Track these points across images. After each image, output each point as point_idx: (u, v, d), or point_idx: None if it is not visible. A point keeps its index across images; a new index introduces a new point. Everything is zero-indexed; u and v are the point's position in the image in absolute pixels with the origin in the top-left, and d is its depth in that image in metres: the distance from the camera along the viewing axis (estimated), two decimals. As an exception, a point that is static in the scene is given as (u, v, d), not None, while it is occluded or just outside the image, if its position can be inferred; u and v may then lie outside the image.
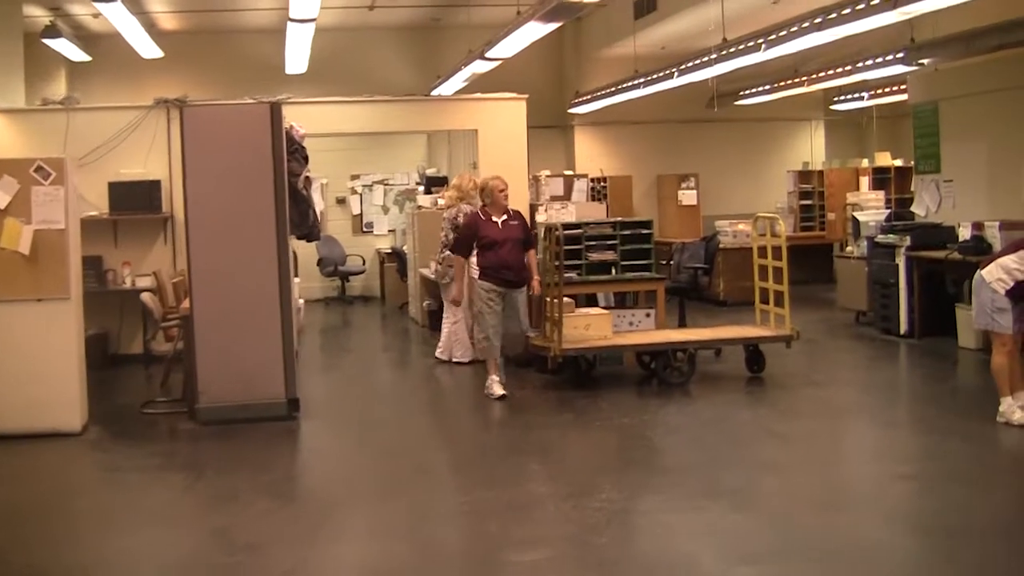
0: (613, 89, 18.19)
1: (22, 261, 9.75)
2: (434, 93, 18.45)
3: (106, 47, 18.61)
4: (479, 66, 15.57)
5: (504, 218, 11.31)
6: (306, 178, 11.65)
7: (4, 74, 15.06)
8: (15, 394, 9.78)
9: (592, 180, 19.91)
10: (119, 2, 13.88)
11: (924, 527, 7.10)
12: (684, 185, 21.47)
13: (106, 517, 7.82)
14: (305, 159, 11.68)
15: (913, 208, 15.72)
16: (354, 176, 21.71)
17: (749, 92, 19.54)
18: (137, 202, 13.68)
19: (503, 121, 15.53)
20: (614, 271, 12.38)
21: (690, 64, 14.99)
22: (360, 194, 21.77)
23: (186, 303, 10.57)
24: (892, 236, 14.24)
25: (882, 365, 13.31)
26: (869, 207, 16.95)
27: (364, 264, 21.30)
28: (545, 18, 12.09)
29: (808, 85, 17.79)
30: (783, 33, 12.28)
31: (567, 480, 8.34)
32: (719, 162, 21.93)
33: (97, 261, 13.62)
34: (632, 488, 8.02)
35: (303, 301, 17.26)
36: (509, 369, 12.14)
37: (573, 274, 12.15)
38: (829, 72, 16.75)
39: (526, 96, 15.78)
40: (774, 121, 22.34)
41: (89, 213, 13.27)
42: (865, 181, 20.38)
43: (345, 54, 20.30)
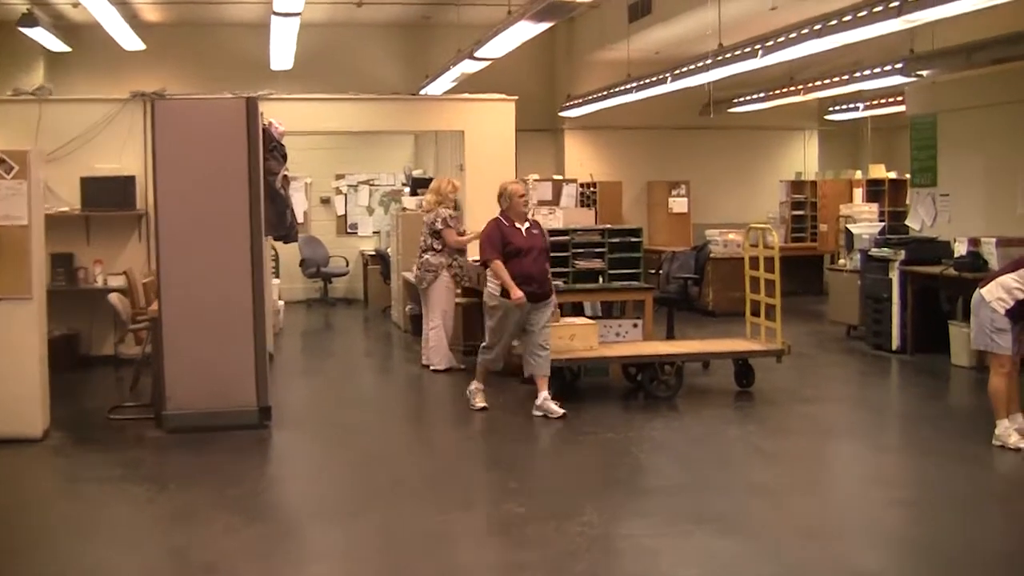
0: (605, 93, 17.96)
1: (-20, 258, 9.32)
2: (422, 93, 18.10)
3: (87, 38, 18.16)
4: (468, 66, 15.25)
5: (527, 226, 10.68)
6: (284, 177, 11.31)
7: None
8: (-28, 398, 9.34)
9: (581, 185, 19.59)
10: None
11: (921, 557, 6.79)
12: (675, 192, 21.25)
13: (56, 533, 7.37)
14: (284, 157, 11.31)
15: (908, 222, 15.54)
16: (339, 176, 21.42)
17: (743, 100, 19.27)
18: (111, 198, 13.27)
19: (491, 123, 15.29)
20: (601, 280, 12.12)
21: (685, 69, 14.69)
22: (345, 194, 21.47)
23: (156, 304, 10.15)
24: (886, 250, 14.02)
25: (874, 382, 13.05)
26: (862, 219, 16.79)
27: (347, 266, 21.00)
28: (536, 17, 11.77)
29: (804, 94, 17.57)
30: (781, 39, 11.96)
31: (547, 499, 7.98)
32: (711, 170, 21.68)
33: (67, 258, 13.25)
34: (615, 510, 7.69)
35: (283, 303, 16.98)
36: (489, 378, 11.81)
37: (559, 282, 11.80)
38: (826, 81, 16.51)
39: (515, 98, 15.52)
40: (767, 130, 22.12)
41: (60, 208, 12.88)
42: (859, 193, 20.19)
43: (332, 51, 19.94)
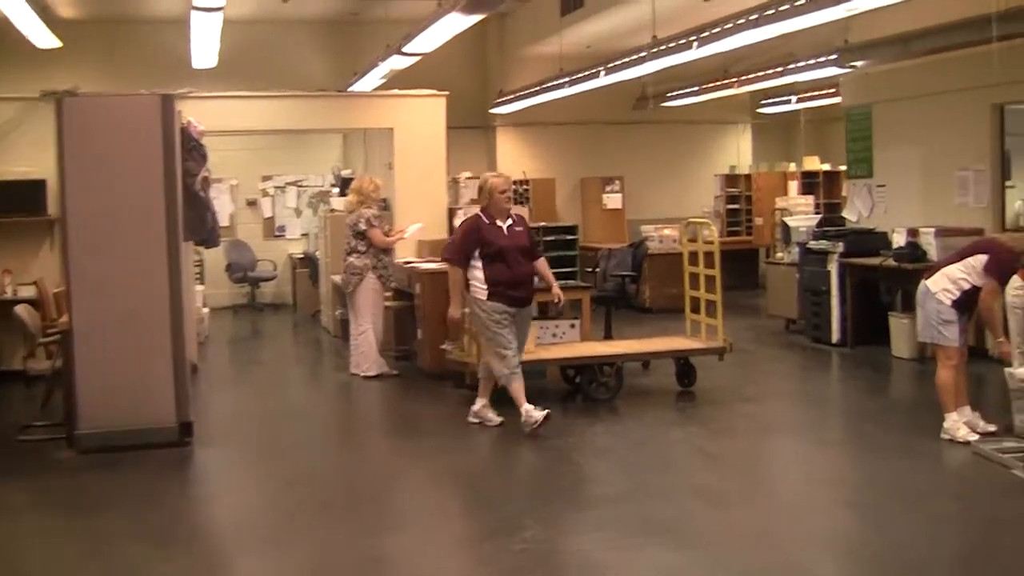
0: (537, 88, 17.67)
1: None
2: (350, 91, 17.68)
3: (-1, 36, 17.58)
4: (397, 62, 14.85)
5: (509, 223, 9.76)
6: (204, 178, 10.91)
7: None
8: None
9: (514, 183, 19.16)
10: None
11: (875, 560, 6.51)
12: (609, 188, 21.00)
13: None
14: (204, 158, 10.92)
15: (845, 213, 15.42)
16: (266, 177, 20.93)
17: (676, 93, 19.02)
18: (19, 203, 12.66)
19: (421, 119, 14.99)
20: (537, 279, 11.63)
21: (619, 62, 14.39)
22: (272, 196, 20.98)
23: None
24: (824, 242, 13.88)
25: (816, 376, 12.88)
26: (798, 212, 16.72)
27: (275, 270, 20.56)
28: (467, 9, 11.39)
29: (738, 87, 17.39)
30: (717, 30, 11.64)
31: (487, 515, 7.63)
32: (644, 165, 21.47)
33: (-28, 268, 12.65)
34: (559, 523, 7.35)
35: (208, 310, 16.51)
36: (422, 384, 11.47)
37: None
38: (760, 73, 16.32)
39: (446, 93, 15.16)
40: (701, 124, 21.98)
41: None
42: (794, 185, 20.04)
43: (257, 49, 19.43)
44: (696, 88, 18.47)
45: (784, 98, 19.96)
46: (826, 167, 20.70)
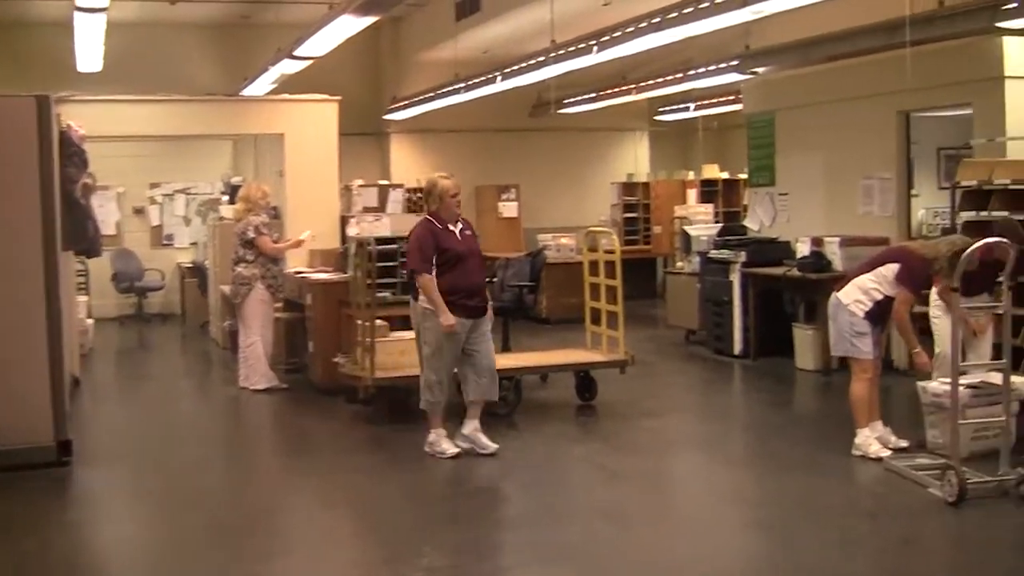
0: (432, 94, 17.46)
1: None
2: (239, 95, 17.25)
3: None
4: (288, 66, 14.49)
5: (460, 227, 9.12)
6: (85, 185, 10.39)
7: None
8: None
9: (408, 190, 19.08)
10: None
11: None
12: (504, 196, 20.81)
13: None
14: (84, 164, 10.40)
15: (746, 222, 15.25)
16: (154, 184, 20.33)
17: (574, 100, 18.80)
18: None
19: (312, 125, 14.65)
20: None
21: (517, 67, 14.12)
22: (160, 204, 20.41)
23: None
24: (726, 251, 13.71)
25: (720, 389, 12.69)
26: (698, 220, 16.51)
27: (163, 279, 19.97)
28: (360, 11, 11.06)
29: (637, 93, 17.20)
30: (618, 34, 11.40)
31: (383, 539, 7.29)
32: (541, 173, 21.28)
33: None
34: (459, 548, 6.97)
35: (92, 321, 15.94)
36: (313, 399, 11.07)
37: (388, 293, 11.18)
38: (660, 80, 16.14)
39: (338, 98, 14.80)
40: (598, 131, 21.82)
41: None
42: (693, 194, 19.88)
43: (146, 52, 18.94)
44: (594, 94, 18.28)
45: (682, 105, 19.95)
46: (725, 175, 20.61)
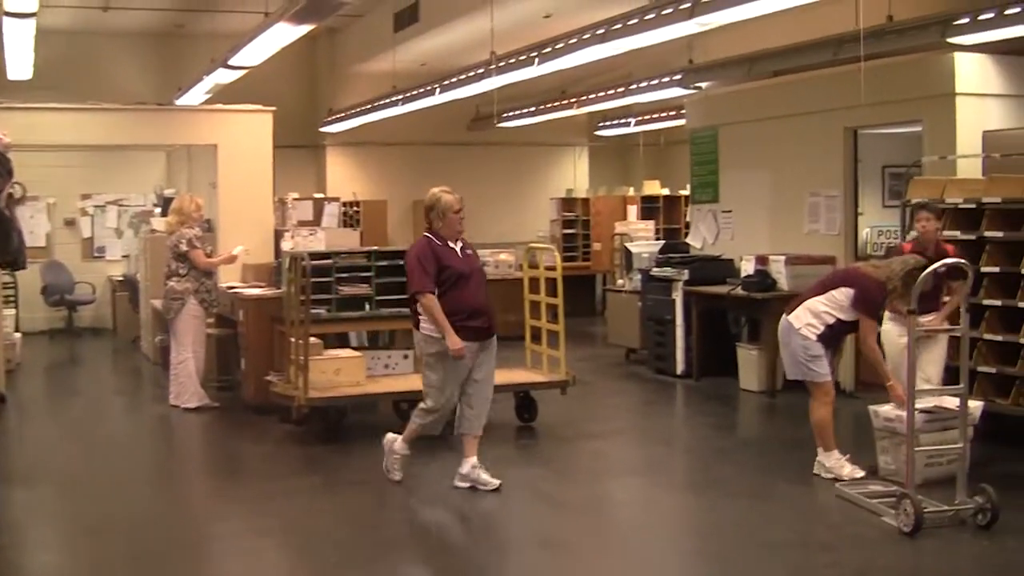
0: (369, 107, 17.27)
1: None
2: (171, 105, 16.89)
3: None
4: (222, 75, 14.18)
5: (460, 245, 8.55)
6: (10, 196, 10.01)
7: None
8: None
9: (344, 204, 18.85)
10: None
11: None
12: (443, 211, 20.32)
13: None
14: (9, 173, 10.05)
15: (689, 239, 15.09)
16: (85, 196, 19.86)
17: (513, 114, 18.58)
18: None
19: (246, 136, 14.35)
20: (368, 307, 11.18)
21: (456, 79, 13.87)
22: (92, 215, 19.95)
23: None
24: (668, 269, 13.48)
25: (662, 411, 12.45)
26: (639, 237, 16.38)
27: (94, 293, 19.57)
28: (296, 19, 10.72)
29: (578, 107, 16.99)
30: (561, 45, 11.15)
31: (316, 570, 6.95)
32: (479, 188, 20.87)
33: None
34: (393, 582, 6.64)
35: (20, 335, 15.58)
36: (245, 418, 10.75)
37: (322, 310, 10.86)
38: (602, 94, 15.95)
39: (273, 108, 14.48)
40: (537, 146, 21.86)
41: None
42: (633, 210, 19.65)
43: (77, 60, 18.70)
44: (533, 108, 18.08)
45: (622, 120, 19.81)
46: (666, 192, 20.45)
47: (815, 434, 8.56)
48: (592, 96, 16.36)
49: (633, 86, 14.81)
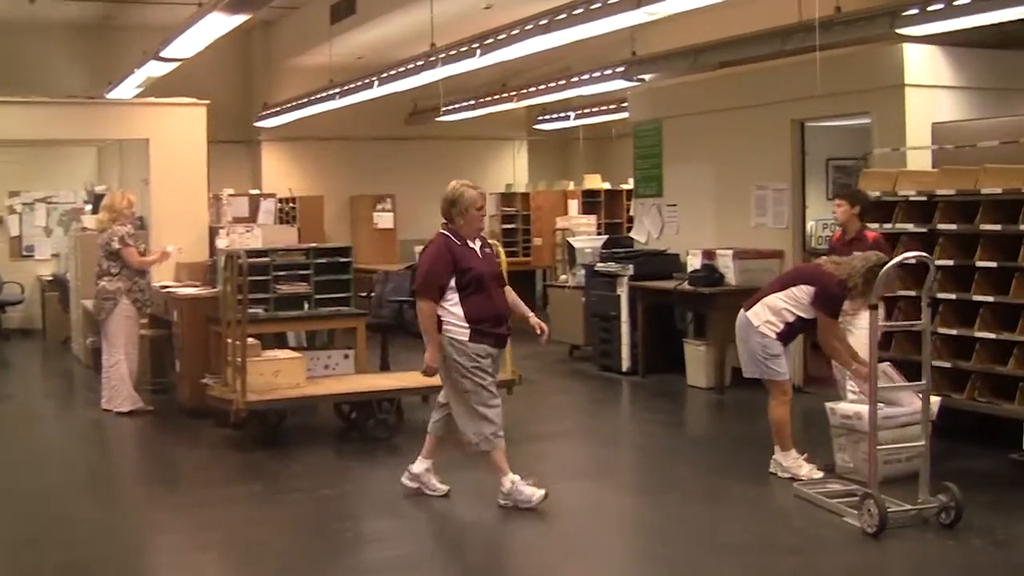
0: (305, 100, 17.02)
1: None
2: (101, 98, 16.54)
3: None
4: (155, 68, 13.88)
5: (479, 244, 8.07)
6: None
7: None
8: None
9: (280, 201, 18.60)
10: None
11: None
12: (379, 207, 20.59)
13: None
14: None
15: (632, 234, 14.89)
16: (13, 193, 19.55)
17: (451, 108, 18.33)
18: None
19: (179, 130, 14.11)
20: (307, 306, 11.01)
21: (394, 72, 13.60)
22: (20, 214, 19.62)
23: None
24: (613, 264, 13.31)
25: (610, 410, 12.25)
26: (581, 232, 16.14)
27: (23, 293, 19.21)
28: (229, 9, 10.43)
29: (518, 100, 16.77)
30: (503, 36, 10.89)
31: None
32: (417, 183, 20.79)
33: None
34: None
35: (-55, 337, 15.19)
36: (180, 422, 10.42)
37: (259, 310, 10.69)
38: (543, 87, 15.73)
39: (207, 102, 14.21)
40: (476, 140, 21.67)
41: None
42: (574, 205, 19.47)
43: (4, 53, 18.29)
44: (472, 102, 17.83)
45: (562, 114, 19.65)
46: (607, 185, 20.31)
47: (773, 433, 8.40)
48: (533, 89, 16.13)
49: (575, 79, 14.60)
